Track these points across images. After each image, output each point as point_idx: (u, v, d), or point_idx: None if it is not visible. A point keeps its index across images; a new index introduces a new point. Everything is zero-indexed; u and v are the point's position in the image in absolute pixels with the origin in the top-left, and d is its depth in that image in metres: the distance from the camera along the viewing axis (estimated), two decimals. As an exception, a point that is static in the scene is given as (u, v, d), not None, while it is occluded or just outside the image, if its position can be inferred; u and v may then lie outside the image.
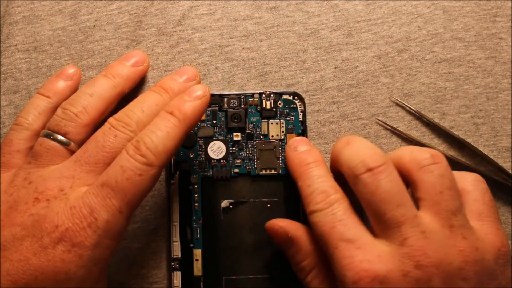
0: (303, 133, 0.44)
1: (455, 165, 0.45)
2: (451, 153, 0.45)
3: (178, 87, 0.40)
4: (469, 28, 0.46)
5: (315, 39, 0.46)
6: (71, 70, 0.44)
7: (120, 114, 0.38)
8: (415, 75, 0.46)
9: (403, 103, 0.46)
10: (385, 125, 0.45)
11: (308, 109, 0.45)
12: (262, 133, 0.44)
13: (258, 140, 0.44)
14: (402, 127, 0.45)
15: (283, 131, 0.44)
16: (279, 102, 0.44)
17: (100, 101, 0.40)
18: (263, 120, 0.44)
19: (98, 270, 0.36)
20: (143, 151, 0.35)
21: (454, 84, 0.46)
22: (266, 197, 0.44)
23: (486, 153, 0.45)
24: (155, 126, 0.37)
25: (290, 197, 0.44)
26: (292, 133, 0.44)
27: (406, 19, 0.46)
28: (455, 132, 0.45)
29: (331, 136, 0.45)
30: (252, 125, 0.44)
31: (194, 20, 0.46)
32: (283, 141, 0.44)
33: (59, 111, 0.39)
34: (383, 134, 0.46)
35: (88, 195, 0.35)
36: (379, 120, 0.45)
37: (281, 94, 0.44)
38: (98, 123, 0.40)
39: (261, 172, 0.44)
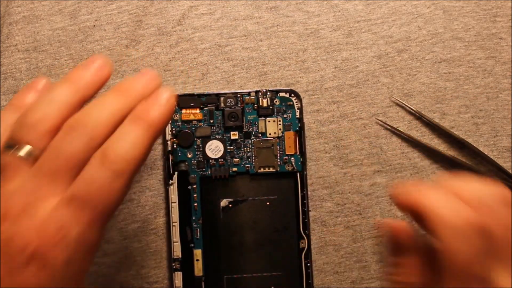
0: (300, 130, 0.44)
1: (455, 165, 0.45)
2: (451, 153, 0.45)
3: (137, 88, 0.37)
4: (469, 28, 0.46)
5: (315, 39, 0.46)
6: (41, 82, 0.40)
7: (77, 116, 0.35)
8: (415, 75, 0.46)
9: (403, 103, 0.46)
10: (385, 125, 0.45)
11: (308, 109, 0.45)
12: (260, 131, 0.44)
13: (256, 139, 0.44)
14: (402, 127, 0.45)
15: (280, 129, 0.44)
16: (276, 99, 0.44)
17: (61, 107, 0.36)
18: (260, 118, 0.44)
19: (75, 283, 0.34)
20: (111, 159, 0.33)
21: (454, 84, 0.46)
22: (265, 195, 0.44)
23: (486, 153, 0.45)
24: (122, 134, 0.34)
25: (289, 195, 0.44)
26: (289, 130, 0.44)
27: (406, 19, 0.46)
28: (455, 132, 0.45)
29: (331, 136, 0.45)
30: (249, 124, 0.44)
31: (194, 20, 0.46)
32: (280, 139, 0.44)
33: (17, 120, 0.36)
34: (383, 134, 0.45)
35: (57, 210, 0.33)
36: (379, 120, 0.45)
37: (277, 92, 0.44)
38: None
39: (259, 170, 0.44)
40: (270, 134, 0.44)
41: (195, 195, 0.43)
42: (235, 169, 0.44)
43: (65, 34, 0.46)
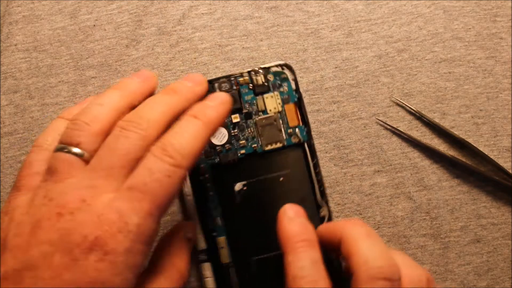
0: (299, 101, 0.44)
1: (455, 165, 0.45)
2: (451, 153, 0.45)
3: (187, 89, 0.39)
4: (469, 28, 0.46)
5: (315, 39, 0.46)
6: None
7: (129, 115, 0.37)
8: (415, 75, 0.46)
9: (403, 103, 0.46)
10: (385, 125, 0.45)
11: (308, 109, 0.45)
12: (260, 109, 0.44)
13: (257, 117, 0.44)
14: (402, 127, 0.45)
15: (279, 103, 0.44)
16: (269, 75, 0.44)
17: (111, 110, 0.38)
18: (257, 97, 0.44)
19: (133, 276, 0.34)
20: (170, 152, 0.35)
21: (454, 84, 0.46)
22: (277, 172, 0.44)
23: (486, 153, 0.45)
24: (180, 129, 0.36)
25: (300, 167, 0.44)
26: (288, 103, 0.44)
27: (406, 19, 0.46)
28: (456, 132, 0.45)
29: (331, 136, 0.45)
30: (248, 104, 0.44)
31: (194, 20, 0.46)
32: (281, 113, 0.44)
33: (69, 123, 0.38)
34: (383, 134, 0.45)
35: (116, 200, 0.34)
36: (379, 120, 0.45)
37: (269, 67, 0.44)
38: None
39: (267, 148, 0.44)
40: (270, 110, 0.44)
41: (208, 184, 0.43)
42: (242, 151, 0.44)
43: (65, 33, 0.46)
